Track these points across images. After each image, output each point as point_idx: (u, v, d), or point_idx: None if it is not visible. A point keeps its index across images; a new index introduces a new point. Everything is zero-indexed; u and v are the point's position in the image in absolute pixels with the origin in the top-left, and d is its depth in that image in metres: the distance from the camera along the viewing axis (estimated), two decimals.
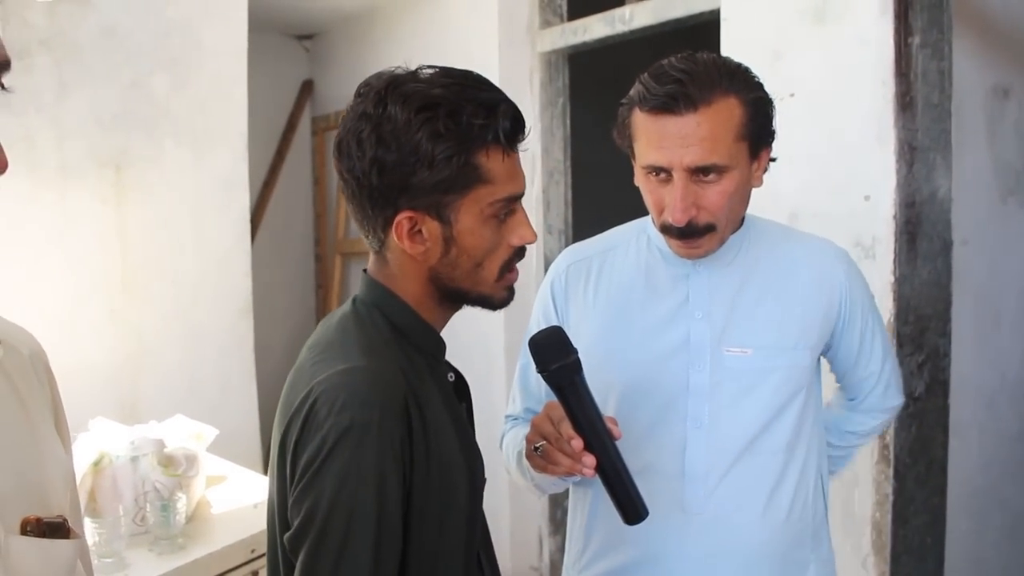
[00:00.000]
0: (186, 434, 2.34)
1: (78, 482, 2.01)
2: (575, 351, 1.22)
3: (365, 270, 1.22)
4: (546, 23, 3.40)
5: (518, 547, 3.58)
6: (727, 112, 1.32)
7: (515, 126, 1.12)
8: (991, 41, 2.85)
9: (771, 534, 1.45)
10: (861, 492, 2.29)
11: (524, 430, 1.46)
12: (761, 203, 2.53)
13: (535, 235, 1.18)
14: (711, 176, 1.34)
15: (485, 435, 1.44)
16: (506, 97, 1.13)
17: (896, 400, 1.63)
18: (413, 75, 1.12)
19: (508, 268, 1.18)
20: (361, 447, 1.03)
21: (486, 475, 1.24)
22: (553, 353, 1.21)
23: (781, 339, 1.44)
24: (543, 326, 1.55)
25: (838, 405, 1.66)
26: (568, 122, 3.45)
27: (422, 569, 1.11)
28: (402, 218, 1.10)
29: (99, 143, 2.92)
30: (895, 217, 2.25)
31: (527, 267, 3.31)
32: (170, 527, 2.04)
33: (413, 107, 1.07)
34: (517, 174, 1.15)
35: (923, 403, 2.29)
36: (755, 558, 1.44)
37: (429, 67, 1.13)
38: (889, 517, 2.28)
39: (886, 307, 2.26)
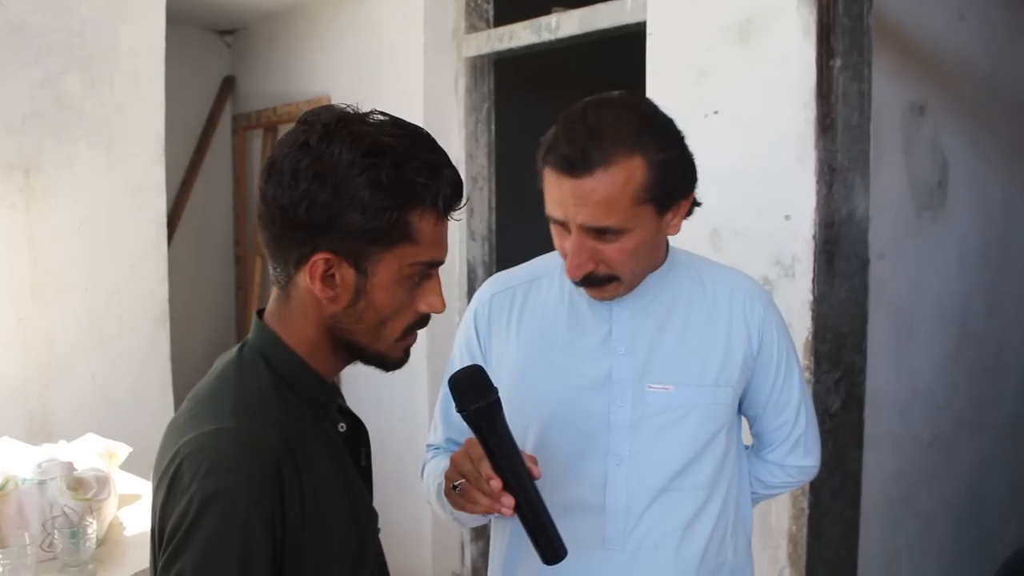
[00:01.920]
0: (97, 452, 2.27)
1: None
2: (495, 391, 1.20)
3: (259, 312, 1.18)
4: (472, 28, 3.37)
5: (440, 552, 3.57)
6: (626, 175, 1.29)
7: (455, 193, 1.09)
8: (908, 59, 2.91)
9: (689, 571, 1.45)
10: (778, 505, 2.33)
11: (444, 462, 1.45)
12: (689, 221, 2.57)
13: (444, 306, 1.15)
14: (608, 236, 1.33)
15: (406, 454, 1.42)
16: (450, 162, 1.10)
17: (804, 460, 1.58)
18: (363, 117, 1.08)
19: (410, 332, 1.15)
20: (225, 515, 0.99)
21: (379, 524, 1.22)
22: (473, 393, 1.20)
23: (704, 376, 1.44)
24: (465, 356, 1.55)
25: (751, 452, 1.65)
26: (493, 127, 3.43)
27: None
28: (319, 259, 1.06)
29: (7, 145, 2.80)
30: (814, 237, 2.28)
31: (449, 277, 3.29)
32: (80, 553, 1.97)
33: (360, 150, 1.03)
34: (444, 241, 1.12)
35: (839, 419, 2.34)
36: None
37: (380, 113, 1.10)
38: (805, 531, 2.33)
39: (804, 325, 2.30)
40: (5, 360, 2.73)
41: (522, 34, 3.15)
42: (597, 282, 1.37)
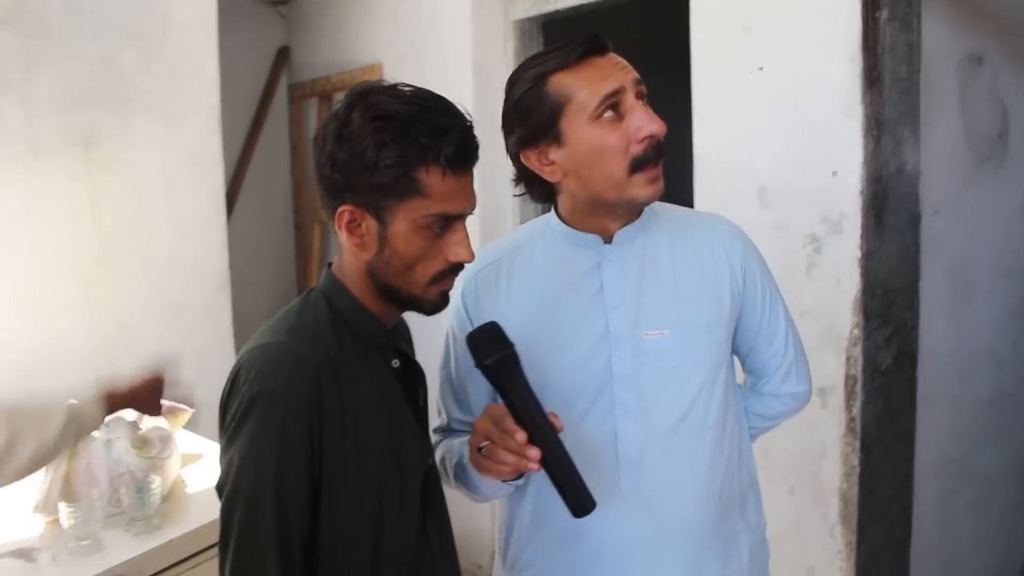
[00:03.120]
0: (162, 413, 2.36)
1: (53, 467, 2.04)
2: (512, 344, 1.24)
3: (329, 264, 1.35)
4: None
5: (465, 544, 3.56)
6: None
7: (460, 152, 1.20)
8: (964, 9, 2.83)
9: (705, 510, 1.48)
10: (829, 464, 2.33)
11: (455, 440, 1.52)
12: (730, 177, 2.56)
13: (472, 255, 1.25)
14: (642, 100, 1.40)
15: None
16: (462, 124, 1.21)
17: (797, 387, 1.62)
18: (387, 89, 1.22)
19: (440, 278, 1.26)
20: (267, 412, 1.17)
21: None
22: (491, 347, 1.23)
23: (696, 317, 1.47)
24: (458, 337, 1.56)
25: (746, 390, 1.66)
26: None
27: (335, 528, 1.22)
28: (344, 210, 1.22)
29: (69, 120, 2.89)
30: (862, 192, 2.25)
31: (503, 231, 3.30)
32: (145, 508, 2.06)
33: (370, 115, 1.18)
34: (457, 195, 1.22)
35: (890, 375, 2.32)
36: (693, 535, 1.47)
37: (407, 86, 1.24)
38: (856, 488, 2.32)
39: (853, 282, 2.28)
40: (74, 327, 2.85)
41: None
42: (664, 151, 1.40)
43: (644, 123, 1.36)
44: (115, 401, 1.99)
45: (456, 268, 1.27)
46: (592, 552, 1.47)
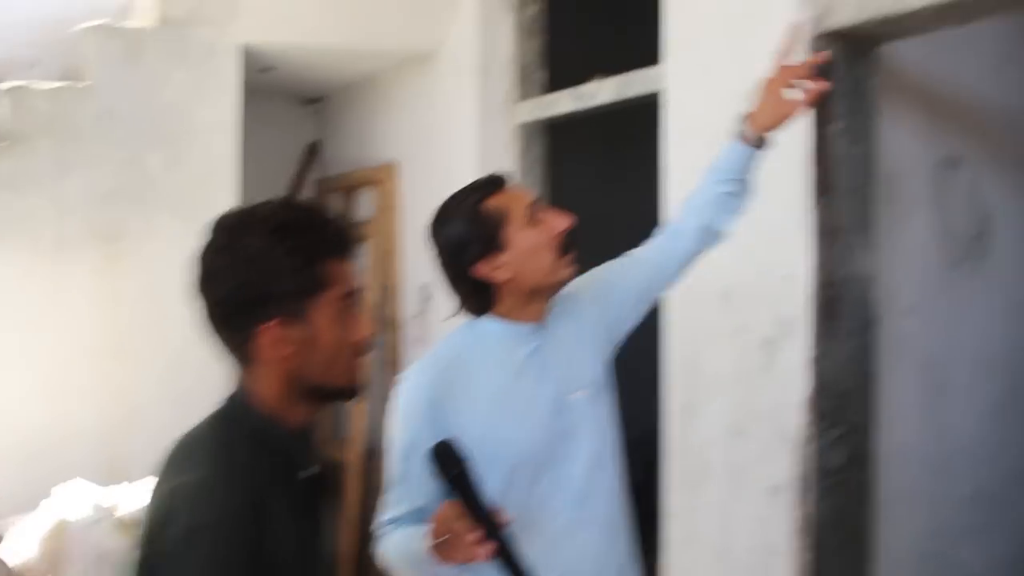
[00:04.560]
0: None
1: (38, 546, 2.22)
2: (467, 456, 1.47)
3: (232, 395, 1.37)
4: (525, 96, 3.57)
5: None
6: None
7: (345, 237, 1.34)
8: (938, 113, 2.93)
9: (619, 538, 1.79)
10: (781, 562, 2.38)
11: (411, 529, 1.68)
12: (693, 279, 2.66)
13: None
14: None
15: None
16: (337, 216, 1.38)
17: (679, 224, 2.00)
18: (260, 207, 1.33)
19: (355, 361, 1.35)
20: (209, 546, 1.19)
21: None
22: (452, 461, 1.47)
23: (595, 365, 1.81)
24: (416, 444, 1.69)
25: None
26: (547, 190, 3.60)
27: None
28: (266, 327, 1.26)
29: (95, 217, 3.15)
30: (813, 297, 2.35)
31: None
32: None
33: (267, 230, 1.27)
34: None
35: (843, 475, 2.37)
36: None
37: (267, 202, 1.34)
38: None
39: (805, 383, 2.36)
40: (88, 410, 3.06)
41: (564, 102, 3.34)
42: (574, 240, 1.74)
43: (558, 220, 1.71)
44: None
45: (362, 348, 1.35)
46: None
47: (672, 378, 2.77)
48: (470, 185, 1.73)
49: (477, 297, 1.74)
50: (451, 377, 1.72)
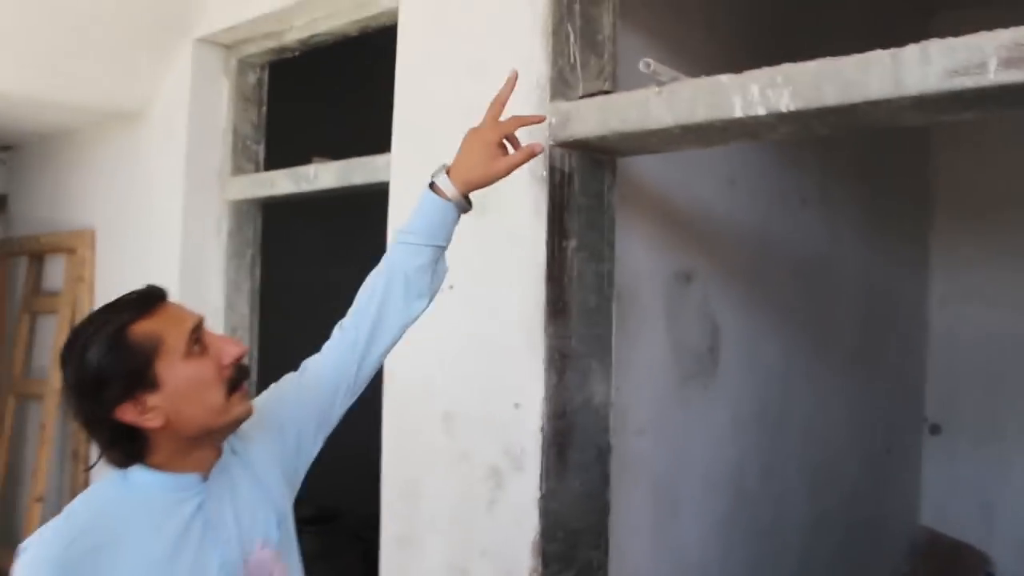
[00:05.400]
0: None
1: None
2: None
3: None
4: (239, 169, 3.20)
5: None
6: None
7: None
8: (674, 228, 2.87)
9: None
10: None
11: None
12: (418, 399, 2.41)
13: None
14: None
15: None
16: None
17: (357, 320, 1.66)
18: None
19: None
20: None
21: None
22: None
23: (277, 510, 1.52)
24: None
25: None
26: (258, 274, 3.23)
27: None
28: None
29: None
30: (542, 429, 2.14)
31: None
32: None
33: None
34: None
35: None
36: None
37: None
38: None
39: (532, 523, 2.14)
40: None
41: (283, 182, 3.00)
42: (247, 370, 1.49)
43: (228, 347, 1.43)
44: None
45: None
46: None
47: (390, 507, 2.47)
48: (114, 303, 1.39)
49: (123, 447, 1.39)
50: (89, 548, 1.32)
